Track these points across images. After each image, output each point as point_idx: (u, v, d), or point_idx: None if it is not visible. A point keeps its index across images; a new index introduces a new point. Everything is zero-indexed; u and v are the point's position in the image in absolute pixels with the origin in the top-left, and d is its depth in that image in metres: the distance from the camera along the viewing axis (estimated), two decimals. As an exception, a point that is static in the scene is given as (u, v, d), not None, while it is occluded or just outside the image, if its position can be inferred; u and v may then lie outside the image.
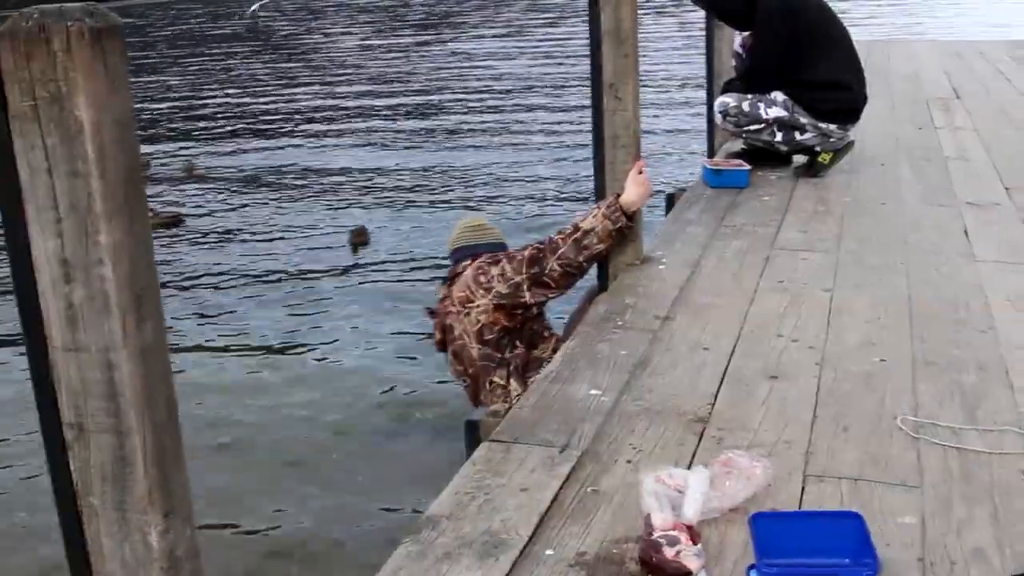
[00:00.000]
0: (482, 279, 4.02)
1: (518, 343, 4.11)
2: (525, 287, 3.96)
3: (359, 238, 8.43)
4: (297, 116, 15.04)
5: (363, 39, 25.95)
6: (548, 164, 11.18)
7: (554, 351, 4.02)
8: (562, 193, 9.92)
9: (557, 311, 4.75)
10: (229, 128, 14.38)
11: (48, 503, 1.78)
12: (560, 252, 3.96)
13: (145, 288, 1.65)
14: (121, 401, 1.64)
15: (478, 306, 4.01)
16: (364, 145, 12.71)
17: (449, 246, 4.50)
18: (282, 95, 17.09)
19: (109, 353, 1.63)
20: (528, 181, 10.52)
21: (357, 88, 17.56)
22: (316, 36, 27.29)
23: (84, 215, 1.57)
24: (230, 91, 17.99)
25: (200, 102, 16.84)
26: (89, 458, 1.69)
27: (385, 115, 14.84)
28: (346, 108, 15.56)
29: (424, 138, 12.99)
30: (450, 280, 4.27)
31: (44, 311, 1.64)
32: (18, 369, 5.85)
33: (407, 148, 12.43)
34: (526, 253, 4.01)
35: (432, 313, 4.43)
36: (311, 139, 13.26)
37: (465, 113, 14.68)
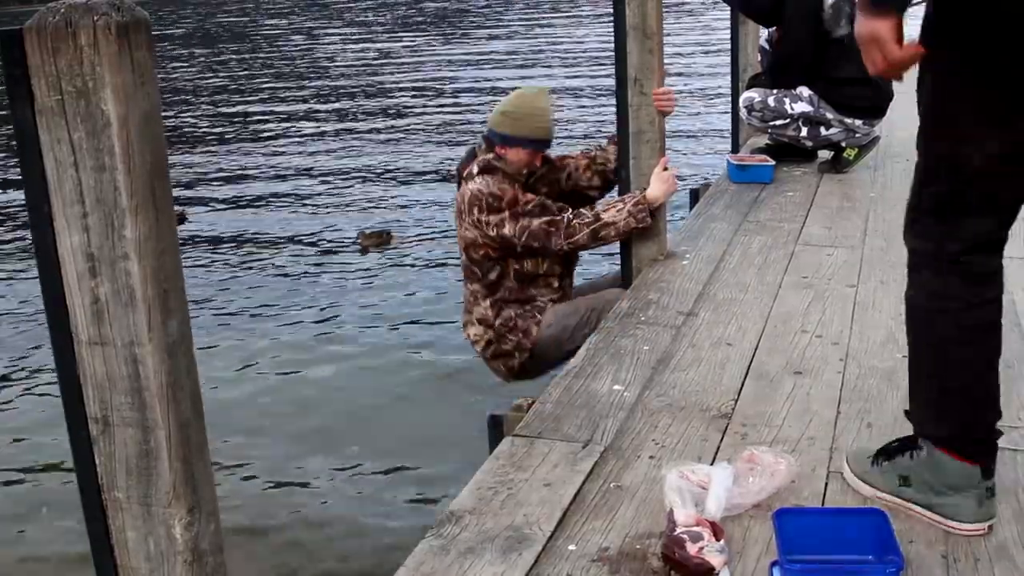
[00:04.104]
0: (477, 214, 3.93)
1: (510, 277, 4.09)
2: (518, 247, 3.97)
3: (368, 240, 8.37)
4: (301, 117, 15.05)
5: (374, 41, 25.94)
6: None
7: (552, 302, 4.09)
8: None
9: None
10: (241, 128, 14.40)
11: (73, 496, 1.79)
12: (575, 238, 3.94)
13: (170, 283, 1.65)
14: (146, 395, 1.65)
15: (465, 229, 4.00)
16: (370, 145, 12.70)
17: (489, 123, 4.13)
18: (287, 96, 17.11)
19: (134, 348, 1.63)
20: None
21: (360, 88, 17.57)
22: (319, 37, 27.31)
23: (110, 209, 1.57)
24: (239, 92, 18.02)
25: (209, 101, 16.86)
26: (114, 452, 1.70)
27: (392, 115, 14.82)
28: (349, 110, 15.56)
29: (437, 136, 12.96)
30: (464, 164, 4.12)
31: (70, 305, 1.64)
32: (44, 363, 5.89)
33: (417, 147, 12.40)
34: (533, 225, 3.90)
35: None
36: (316, 140, 13.25)
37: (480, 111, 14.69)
